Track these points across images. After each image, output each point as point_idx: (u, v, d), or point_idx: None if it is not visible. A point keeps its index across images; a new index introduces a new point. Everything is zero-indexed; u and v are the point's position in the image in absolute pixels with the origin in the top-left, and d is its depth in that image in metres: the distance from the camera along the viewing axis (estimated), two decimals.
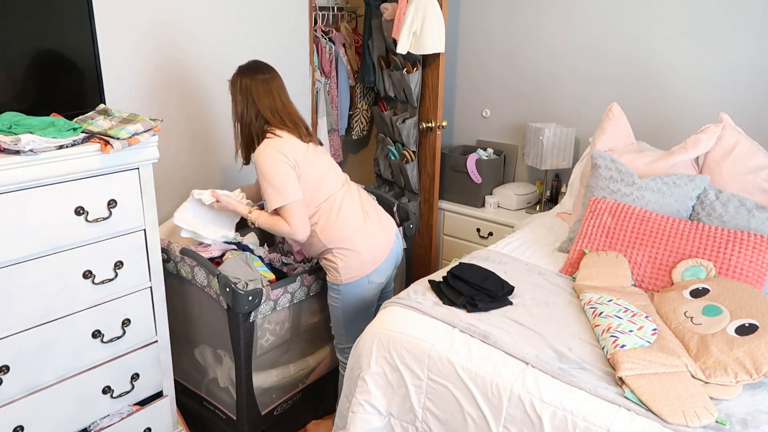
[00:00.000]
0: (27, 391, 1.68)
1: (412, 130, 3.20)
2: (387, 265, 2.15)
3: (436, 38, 2.88)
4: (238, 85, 2.02)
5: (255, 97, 1.99)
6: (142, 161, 1.76)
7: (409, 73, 3.07)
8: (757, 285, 1.90)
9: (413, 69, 3.06)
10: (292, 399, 2.35)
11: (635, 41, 2.86)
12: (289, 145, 1.97)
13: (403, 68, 3.09)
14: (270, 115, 2.00)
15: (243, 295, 1.95)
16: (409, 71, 3.07)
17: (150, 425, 2.00)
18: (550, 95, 3.20)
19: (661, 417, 1.40)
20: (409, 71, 3.07)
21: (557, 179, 3.20)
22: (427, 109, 3.16)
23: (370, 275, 2.10)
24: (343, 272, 2.06)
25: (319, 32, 3.30)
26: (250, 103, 2.00)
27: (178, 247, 2.15)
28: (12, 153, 1.50)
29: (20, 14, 1.72)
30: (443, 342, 1.71)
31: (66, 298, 1.69)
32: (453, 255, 3.36)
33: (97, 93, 1.92)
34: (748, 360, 1.53)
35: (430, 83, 3.10)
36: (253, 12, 2.64)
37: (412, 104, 3.18)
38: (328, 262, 2.08)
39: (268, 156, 1.93)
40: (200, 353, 2.30)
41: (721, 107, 2.67)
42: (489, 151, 3.35)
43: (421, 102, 3.18)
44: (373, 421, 1.80)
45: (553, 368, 1.57)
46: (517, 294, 1.96)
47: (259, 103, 1.99)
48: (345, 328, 2.16)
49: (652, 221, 2.10)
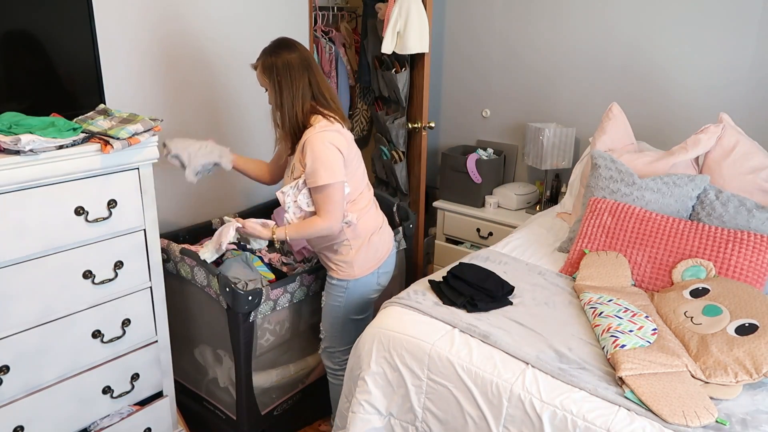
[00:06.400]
0: (27, 391, 1.67)
1: (401, 131, 3.20)
2: (391, 261, 2.16)
3: (419, 38, 2.87)
4: (272, 68, 1.87)
5: (295, 78, 1.86)
6: (142, 161, 1.76)
7: (398, 72, 3.07)
8: (757, 285, 1.90)
9: (401, 69, 3.06)
10: (292, 399, 2.35)
11: (635, 41, 2.86)
12: (341, 138, 1.89)
13: (393, 68, 3.10)
14: (316, 95, 1.90)
15: (243, 295, 1.95)
16: (398, 71, 3.07)
17: (150, 425, 2.00)
18: (550, 95, 3.20)
19: (661, 417, 1.40)
20: (398, 71, 3.07)
21: (557, 179, 3.20)
22: (414, 109, 3.16)
23: (380, 269, 2.09)
24: (356, 266, 2.02)
25: (319, 32, 3.30)
26: (291, 86, 1.86)
27: (178, 247, 2.15)
28: (12, 153, 1.50)
29: (20, 14, 1.72)
30: (443, 342, 1.71)
31: (66, 298, 1.69)
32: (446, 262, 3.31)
33: (97, 93, 1.92)
34: (748, 360, 1.53)
35: (416, 83, 3.10)
36: (253, 12, 2.64)
37: (401, 104, 3.18)
38: (340, 257, 2.03)
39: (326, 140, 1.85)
40: (200, 353, 2.30)
41: (721, 107, 2.67)
42: (489, 151, 3.35)
43: (410, 102, 3.18)
44: (373, 421, 1.80)
45: (553, 368, 1.57)
46: (517, 294, 1.96)
47: (302, 84, 1.87)
48: (342, 329, 2.14)
49: (652, 221, 2.10)
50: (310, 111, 1.91)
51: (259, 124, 2.82)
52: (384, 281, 2.14)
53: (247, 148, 2.78)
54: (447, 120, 3.68)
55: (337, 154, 1.86)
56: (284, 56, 1.87)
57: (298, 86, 1.87)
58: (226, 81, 2.60)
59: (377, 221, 2.08)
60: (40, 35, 1.77)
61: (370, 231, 2.04)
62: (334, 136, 1.87)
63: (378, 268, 2.08)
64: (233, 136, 2.70)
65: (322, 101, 1.92)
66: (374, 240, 2.05)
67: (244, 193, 2.83)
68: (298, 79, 1.87)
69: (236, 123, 2.70)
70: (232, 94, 2.65)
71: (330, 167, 1.84)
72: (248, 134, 2.77)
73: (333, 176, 1.85)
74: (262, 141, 2.85)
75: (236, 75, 2.64)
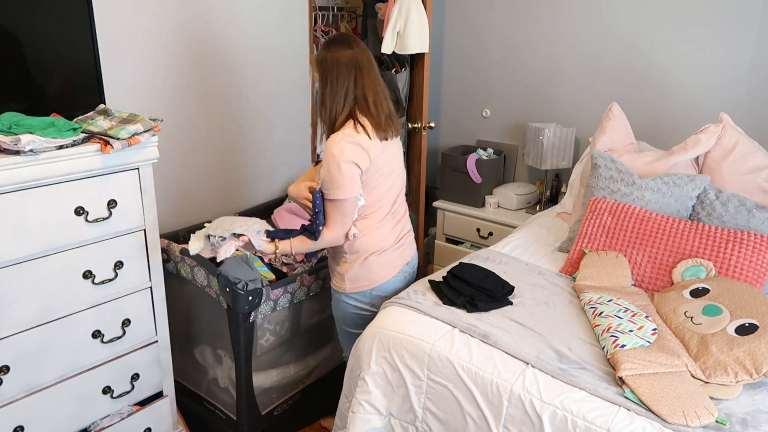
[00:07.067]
0: (27, 391, 1.67)
1: (401, 131, 3.20)
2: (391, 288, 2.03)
3: (419, 38, 2.87)
4: (322, 62, 1.84)
5: (340, 76, 1.82)
6: (142, 161, 1.76)
7: (398, 73, 3.07)
8: (757, 285, 1.90)
9: (401, 69, 3.06)
10: (292, 399, 2.35)
11: (635, 41, 2.86)
12: (358, 151, 1.80)
13: (393, 68, 3.09)
14: (359, 98, 1.84)
15: (243, 295, 1.95)
16: (398, 71, 3.07)
17: (150, 425, 2.00)
18: (550, 95, 3.20)
19: (661, 417, 1.40)
20: (398, 71, 3.07)
21: (557, 179, 3.20)
22: (414, 109, 3.16)
23: (374, 291, 2.00)
24: (347, 280, 1.97)
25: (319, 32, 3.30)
26: (335, 83, 1.82)
27: (178, 247, 2.15)
28: (12, 153, 1.50)
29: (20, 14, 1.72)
30: (443, 342, 1.71)
31: (66, 298, 1.69)
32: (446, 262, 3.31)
33: (97, 93, 1.92)
34: (748, 360, 1.53)
35: (416, 84, 3.10)
36: (252, 12, 2.64)
37: (401, 104, 3.18)
38: (337, 267, 2.00)
39: (340, 152, 1.78)
40: (200, 353, 2.30)
41: (721, 107, 2.67)
42: (489, 151, 3.35)
43: (410, 102, 3.17)
44: (373, 421, 1.80)
45: (553, 368, 1.57)
46: (517, 294, 1.96)
47: (346, 84, 1.82)
48: (343, 337, 2.16)
49: (652, 221, 2.10)
50: (348, 115, 1.85)
51: (259, 124, 2.82)
52: (379, 303, 2.01)
53: (247, 148, 2.78)
54: (447, 120, 3.68)
55: (350, 168, 1.79)
56: (336, 52, 1.83)
57: (342, 85, 1.82)
58: (227, 81, 2.60)
59: (381, 243, 1.96)
60: (40, 35, 1.77)
61: (370, 250, 1.94)
62: (351, 149, 1.78)
63: (371, 289, 1.99)
64: (233, 136, 2.70)
65: (363, 105, 1.85)
66: (371, 260, 1.95)
67: (244, 193, 2.83)
68: (343, 77, 1.82)
69: (236, 123, 2.70)
70: (232, 94, 2.65)
71: (337, 184, 1.79)
72: (248, 134, 2.78)
73: (341, 192, 1.80)
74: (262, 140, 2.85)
75: (236, 75, 2.64)
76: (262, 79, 2.76)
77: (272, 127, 2.89)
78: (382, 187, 1.91)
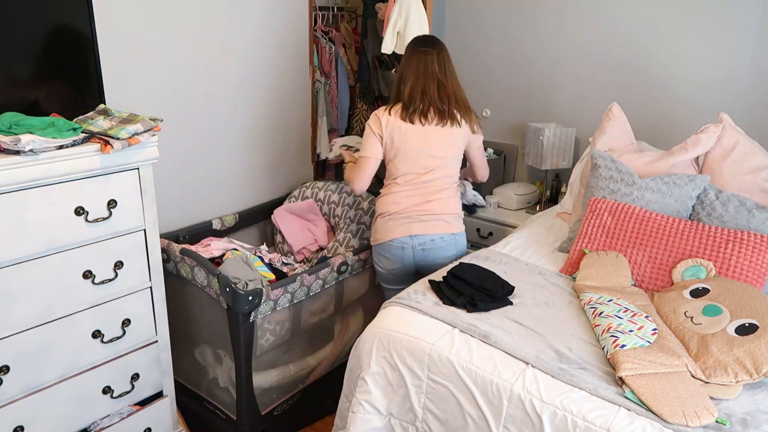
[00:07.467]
0: (27, 391, 1.68)
1: None
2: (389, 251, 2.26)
3: None
4: (405, 55, 2.24)
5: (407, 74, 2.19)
6: (142, 161, 1.76)
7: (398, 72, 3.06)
8: (757, 285, 1.90)
9: None
10: (292, 399, 2.35)
11: (635, 41, 2.86)
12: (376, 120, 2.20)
13: (393, 68, 3.09)
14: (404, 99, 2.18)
15: (243, 295, 1.95)
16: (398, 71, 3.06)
17: (150, 425, 2.00)
18: (550, 95, 3.20)
19: (661, 417, 1.40)
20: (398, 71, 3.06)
21: (557, 179, 3.20)
22: None
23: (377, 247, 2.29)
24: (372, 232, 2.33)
25: (319, 32, 3.30)
26: (400, 78, 2.22)
27: (178, 247, 2.15)
28: (12, 153, 1.50)
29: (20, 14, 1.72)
30: (443, 342, 1.71)
31: (66, 298, 1.69)
32: None
33: (97, 93, 1.92)
34: (748, 360, 1.53)
35: None
36: (253, 12, 2.64)
37: None
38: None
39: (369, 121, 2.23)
40: (200, 353, 2.30)
41: (721, 107, 2.67)
42: (489, 151, 3.35)
43: None
44: (373, 421, 1.80)
45: (553, 368, 1.57)
46: (518, 294, 1.96)
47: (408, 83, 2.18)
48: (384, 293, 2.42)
49: (652, 221, 2.10)
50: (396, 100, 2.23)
51: (259, 124, 2.82)
52: (382, 263, 2.31)
53: (247, 148, 2.78)
54: None
55: (369, 132, 2.21)
56: (414, 50, 2.19)
57: (404, 83, 2.19)
58: (227, 80, 2.60)
59: (389, 208, 2.24)
60: (40, 35, 1.77)
61: (381, 211, 2.28)
62: (372, 119, 2.22)
63: (377, 245, 2.30)
64: (233, 136, 2.70)
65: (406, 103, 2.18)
66: (379, 221, 2.28)
67: (244, 193, 2.83)
68: (406, 76, 2.19)
69: (236, 123, 2.70)
70: (232, 94, 2.65)
71: (364, 143, 2.24)
72: (248, 134, 2.78)
73: (362, 150, 2.23)
74: (262, 140, 2.85)
75: (236, 74, 2.64)
76: (262, 79, 2.76)
77: (272, 127, 2.89)
78: (397, 159, 2.22)
